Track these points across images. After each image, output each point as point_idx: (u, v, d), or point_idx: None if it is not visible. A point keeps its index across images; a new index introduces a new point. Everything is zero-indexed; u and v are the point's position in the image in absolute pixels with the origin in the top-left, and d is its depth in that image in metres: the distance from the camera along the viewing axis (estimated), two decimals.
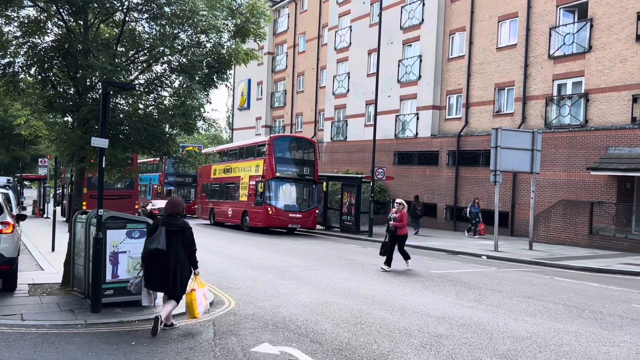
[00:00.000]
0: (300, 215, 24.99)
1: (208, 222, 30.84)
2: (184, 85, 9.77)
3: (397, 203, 14.07)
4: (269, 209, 24.49)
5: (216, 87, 10.09)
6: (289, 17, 44.96)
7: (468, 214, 24.78)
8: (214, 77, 9.87)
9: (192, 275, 7.52)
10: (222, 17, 9.19)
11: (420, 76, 30.34)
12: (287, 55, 44.83)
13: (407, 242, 14.33)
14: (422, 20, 30.33)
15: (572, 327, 8.03)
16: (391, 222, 13.81)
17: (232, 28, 9.77)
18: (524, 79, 24.85)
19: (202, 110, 9.85)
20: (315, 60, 41.16)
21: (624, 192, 21.12)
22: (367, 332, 7.55)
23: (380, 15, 26.70)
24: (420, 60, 30.34)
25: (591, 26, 22.20)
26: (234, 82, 50.62)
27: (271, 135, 27.04)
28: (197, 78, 9.71)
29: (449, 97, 29.19)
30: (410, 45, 31.40)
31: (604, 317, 8.76)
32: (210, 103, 10.36)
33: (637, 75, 20.56)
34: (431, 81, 29.61)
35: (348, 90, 36.20)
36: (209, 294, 9.64)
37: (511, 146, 18.72)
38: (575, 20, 23.52)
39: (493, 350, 6.75)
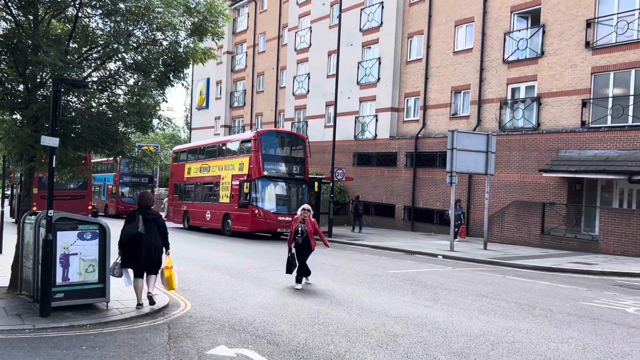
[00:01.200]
0: (290, 219, 22.78)
1: (181, 225, 28.32)
2: (139, 84, 9.57)
3: (302, 209, 11.61)
4: (256, 211, 22.35)
5: (172, 85, 9.93)
6: (248, 16, 44.70)
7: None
8: (170, 75, 9.71)
9: (165, 255, 8.98)
10: (179, 14, 9.04)
11: (379, 78, 30.63)
12: (246, 55, 44.55)
13: (363, 243, 14.25)
14: (381, 23, 30.63)
15: (523, 324, 8.24)
16: (299, 237, 11.36)
17: (189, 26, 9.62)
18: (479, 83, 25.41)
19: (157, 108, 9.67)
20: (276, 61, 41.05)
21: (574, 193, 21.86)
22: (325, 332, 7.56)
23: (340, 17, 26.86)
24: (379, 63, 30.64)
25: (543, 32, 22.88)
26: (192, 81, 50.00)
27: (258, 129, 24.76)
28: (152, 76, 9.53)
29: (407, 100, 29.58)
30: (370, 47, 31.68)
31: (554, 314, 9.03)
32: (167, 102, 10.20)
33: (586, 81, 21.30)
34: (390, 83, 29.94)
35: (308, 91, 36.24)
36: (161, 293, 9.48)
37: (467, 148, 19.11)
38: (529, 26, 24.20)
39: (447, 349, 6.86)
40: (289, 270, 11.51)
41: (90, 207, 29.53)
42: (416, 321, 8.28)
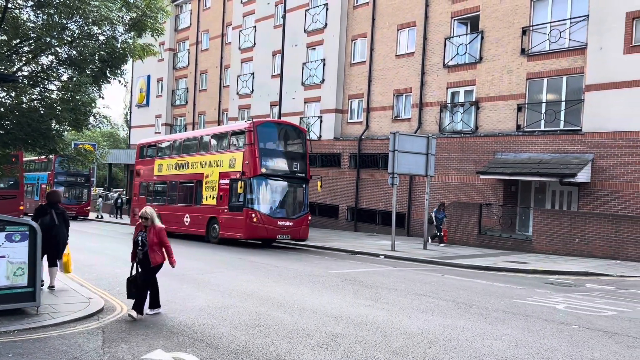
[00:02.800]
0: (291, 223, 19.84)
1: None
2: (74, 79, 9.22)
3: (143, 215, 8.58)
4: (253, 215, 19.22)
5: (109, 82, 9.64)
6: (191, 13, 43.97)
7: (434, 220, 21.83)
8: (107, 71, 9.41)
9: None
10: (116, 9, 8.78)
11: (323, 80, 30.78)
12: (189, 53, 43.80)
13: (307, 244, 14.02)
14: (326, 24, 30.80)
15: (460, 322, 8.46)
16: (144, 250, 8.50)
17: (127, 21, 9.36)
18: (420, 86, 25.96)
19: (93, 106, 9.35)
20: (219, 59, 40.55)
21: (510, 195, 22.68)
22: (265, 334, 7.50)
23: (284, 17, 26.79)
24: (324, 64, 30.79)
25: (482, 38, 23.63)
26: (131, 77, 48.71)
27: (253, 120, 21.10)
28: (88, 72, 9.21)
29: (351, 102, 29.86)
30: (314, 48, 31.78)
31: (489, 312, 9.31)
32: (103, 98, 9.88)
33: (522, 86, 22.15)
34: (334, 85, 30.14)
35: (253, 90, 35.98)
36: (96, 297, 9.16)
37: (408, 150, 19.47)
38: (468, 32, 24.93)
39: (387, 347, 6.94)
40: (130, 294, 8.57)
41: (21, 208, 28.13)
42: (357, 321, 8.35)
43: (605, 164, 19.40)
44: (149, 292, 8.58)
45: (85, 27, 9.05)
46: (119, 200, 39.47)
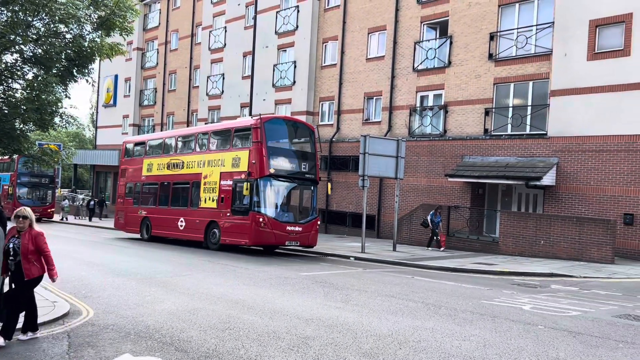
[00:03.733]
0: (301, 229, 18.42)
1: (138, 236, 23.80)
2: (39, 78, 9.00)
3: (20, 214, 7.14)
4: (260, 219, 17.70)
5: (76, 81, 9.45)
6: (160, 12, 43.43)
7: (429, 224, 21.21)
8: (74, 70, 9.23)
9: None
10: (84, 7, 8.62)
11: (295, 82, 30.76)
12: (158, 52, 43.24)
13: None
14: (297, 26, 30.80)
15: (429, 323, 8.55)
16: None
17: (95, 20, 9.19)
18: (390, 90, 26.18)
19: (59, 105, 9.15)
20: (189, 59, 40.14)
21: (477, 197, 23.05)
22: (236, 337, 7.44)
23: (255, 18, 26.68)
24: (295, 66, 30.77)
25: (451, 43, 23.97)
26: (98, 77, 47.83)
27: (261, 115, 19.14)
28: (54, 71, 9.00)
29: (322, 104, 29.92)
30: (285, 50, 31.75)
31: (458, 313, 9.44)
32: (70, 98, 9.67)
33: (489, 91, 22.54)
34: (305, 87, 30.15)
35: (223, 91, 35.73)
36: (61, 301, 8.96)
37: (378, 153, 19.61)
38: (437, 36, 25.26)
39: (357, 349, 6.97)
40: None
41: None
42: (327, 323, 8.36)
43: (570, 168, 19.89)
44: (24, 312, 7.06)
45: (52, 25, 8.86)
46: (92, 203, 38.64)
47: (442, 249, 20.79)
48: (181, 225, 21.04)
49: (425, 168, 24.38)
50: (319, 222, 19.68)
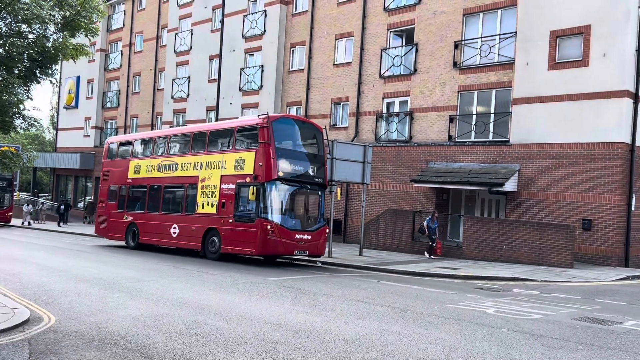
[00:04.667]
0: (309, 237, 17.18)
1: (123, 243, 22.40)
2: (0, 79, 8.76)
3: None
4: (269, 227, 16.38)
5: (39, 82, 9.23)
6: (125, 14, 42.77)
7: (425, 230, 20.47)
8: (37, 71, 9.02)
9: None
10: (48, 7, 8.44)
11: (262, 86, 30.70)
12: (122, 54, 42.54)
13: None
14: (264, 31, 30.77)
15: (396, 327, 8.63)
16: None
17: (59, 20, 9.00)
18: (357, 96, 26.40)
19: (21, 107, 8.92)
20: (154, 62, 39.62)
21: (442, 203, 23.41)
22: (203, 342, 7.36)
23: (222, 22, 26.56)
24: (262, 71, 30.72)
25: (416, 51, 24.34)
26: (60, 78, 46.70)
27: (268, 114, 17.55)
28: (16, 71, 8.78)
29: (289, 109, 29.93)
30: (253, 54, 31.68)
31: (423, 317, 9.56)
32: (32, 99, 9.43)
33: (453, 98, 22.96)
34: (272, 91, 30.12)
35: (188, 94, 35.38)
36: (21, 307, 8.71)
37: (345, 158, 19.72)
38: (403, 44, 25.61)
39: (325, 354, 6.99)
40: None
41: None
42: (295, 327, 8.35)
43: (531, 174, 20.41)
44: None
45: (14, 25, 8.64)
46: (62, 207, 37.58)
47: (434, 256, 20.19)
48: (174, 232, 19.62)
49: (391, 173, 24.65)
50: (327, 230, 18.45)
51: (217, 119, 32.38)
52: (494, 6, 22.06)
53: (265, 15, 30.75)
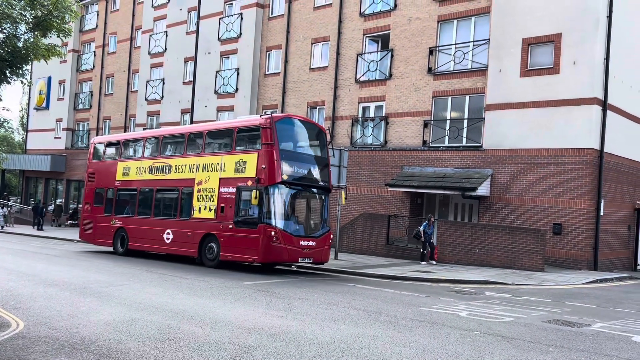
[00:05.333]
0: (314, 243, 16.45)
1: (110, 249, 21.38)
2: None
3: None
4: (273, 232, 15.60)
5: (9, 82, 9.02)
6: (98, 14, 42.21)
7: (422, 235, 19.90)
8: (7, 71, 8.81)
9: None
10: (20, 7, 8.27)
11: (237, 89, 30.58)
12: (95, 55, 41.95)
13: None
14: (240, 34, 30.68)
15: (370, 330, 8.67)
16: None
17: (31, 20, 8.83)
18: (333, 100, 26.49)
19: None
20: (127, 63, 39.15)
21: (416, 206, 23.61)
22: (176, 347, 7.29)
23: (198, 24, 26.40)
24: (238, 73, 30.61)
25: (392, 56, 24.54)
26: (30, 78, 45.80)
27: (272, 114, 16.82)
28: None
29: (265, 112, 29.85)
30: (228, 57, 31.55)
31: (398, 320, 9.62)
32: (1, 100, 9.23)
33: (428, 104, 23.21)
34: (248, 95, 30.03)
35: (162, 96, 35.04)
36: None
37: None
38: (379, 49, 25.80)
39: (300, 357, 6.98)
40: None
41: None
42: (270, 332, 8.33)
43: (503, 179, 20.73)
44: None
45: None
46: (44, 210, 36.70)
47: (433, 262, 19.64)
48: (167, 238, 18.64)
49: (366, 177, 24.77)
50: (331, 236, 17.61)
51: (191, 122, 32.15)
52: (468, 13, 22.39)
53: (241, 18, 30.67)
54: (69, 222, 39.55)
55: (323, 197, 17.25)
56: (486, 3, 21.76)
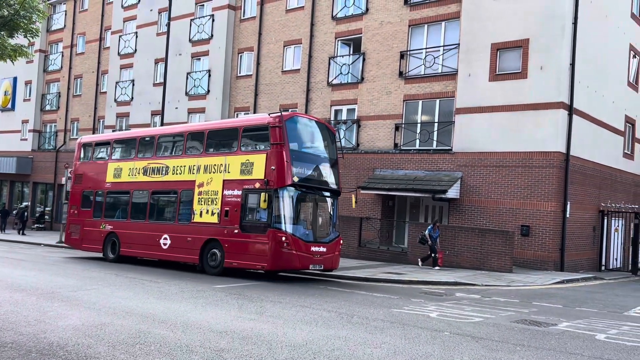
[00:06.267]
0: (325, 249, 15.65)
1: (100, 255, 20.26)
2: None
3: None
4: (283, 238, 14.69)
5: None
6: (66, 14, 41.46)
7: (428, 240, 19.39)
8: None
9: None
10: None
11: (209, 91, 30.39)
12: (62, 55, 41.18)
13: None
14: (212, 35, 30.51)
15: (342, 332, 8.72)
16: None
17: None
18: (306, 103, 26.54)
19: None
20: (96, 64, 38.54)
21: (388, 209, 23.81)
22: (147, 352, 7.21)
23: (168, 25, 26.18)
24: (209, 75, 30.43)
25: (364, 60, 24.72)
26: None
27: (281, 112, 15.73)
28: None
29: (237, 114, 29.71)
30: (200, 59, 31.34)
31: (369, 322, 9.70)
32: None
33: (399, 107, 23.45)
34: (220, 96, 29.87)
35: (132, 98, 34.59)
36: None
37: None
38: (351, 52, 25.97)
39: None
40: None
41: None
42: (242, 335, 8.31)
43: (473, 182, 21.06)
44: None
45: None
46: (25, 214, 35.72)
47: (437, 267, 19.15)
48: (165, 244, 17.52)
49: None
50: (341, 242, 17.02)
51: (162, 124, 31.81)
52: (438, 18, 22.72)
53: (213, 20, 30.50)
54: (35, 225, 38.68)
55: (333, 200, 16.58)
56: (456, 8, 22.11)
